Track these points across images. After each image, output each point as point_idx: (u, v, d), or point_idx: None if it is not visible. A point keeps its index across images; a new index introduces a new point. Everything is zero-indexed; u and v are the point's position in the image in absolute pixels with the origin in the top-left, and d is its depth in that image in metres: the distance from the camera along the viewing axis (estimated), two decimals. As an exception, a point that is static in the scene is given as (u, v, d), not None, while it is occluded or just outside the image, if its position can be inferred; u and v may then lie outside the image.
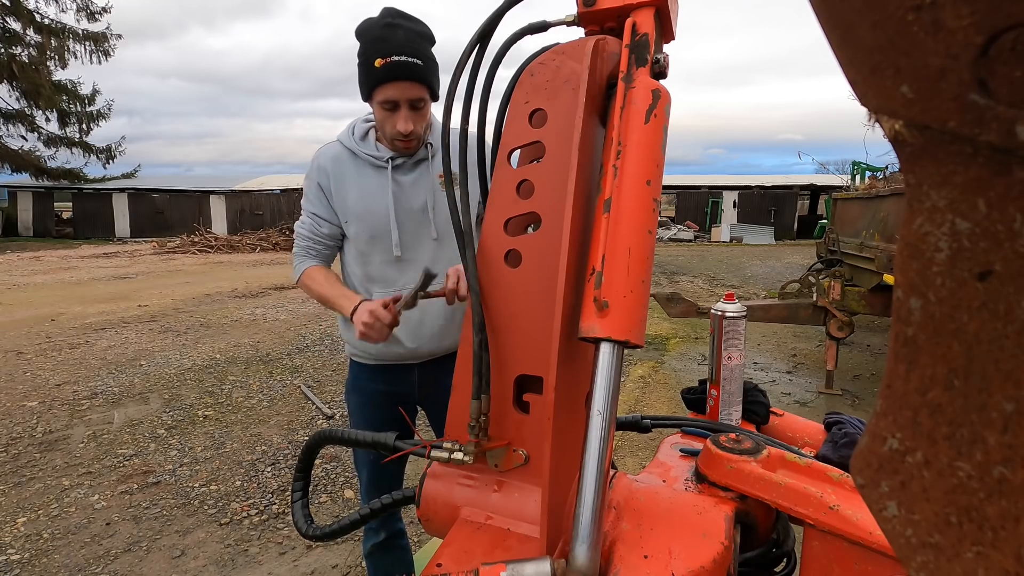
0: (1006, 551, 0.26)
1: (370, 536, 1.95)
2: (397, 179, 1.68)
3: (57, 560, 2.76)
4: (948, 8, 0.22)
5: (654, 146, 0.74)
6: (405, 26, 1.52)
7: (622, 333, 0.69)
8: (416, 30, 1.53)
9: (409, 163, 1.68)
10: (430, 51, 1.57)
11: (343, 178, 1.69)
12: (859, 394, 5.14)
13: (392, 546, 1.95)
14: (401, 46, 1.49)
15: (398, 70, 1.50)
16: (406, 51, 1.49)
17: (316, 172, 1.71)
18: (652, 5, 0.80)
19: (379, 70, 1.50)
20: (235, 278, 12.63)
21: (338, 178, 1.69)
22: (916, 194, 0.26)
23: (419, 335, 1.74)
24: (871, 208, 5.91)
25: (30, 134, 25.58)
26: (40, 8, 24.15)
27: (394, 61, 1.49)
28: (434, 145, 1.70)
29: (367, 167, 1.68)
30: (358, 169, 1.69)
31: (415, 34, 1.53)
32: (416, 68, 1.51)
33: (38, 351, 6.43)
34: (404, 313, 1.72)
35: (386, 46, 1.49)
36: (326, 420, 4.46)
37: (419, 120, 1.60)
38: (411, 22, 1.54)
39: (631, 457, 3.71)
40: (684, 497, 0.84)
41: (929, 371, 0.27)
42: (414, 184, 1.69)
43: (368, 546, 1.96)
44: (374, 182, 1.68)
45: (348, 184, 1.69)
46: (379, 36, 1.50)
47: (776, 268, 14.62)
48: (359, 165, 1.69)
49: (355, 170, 1.69)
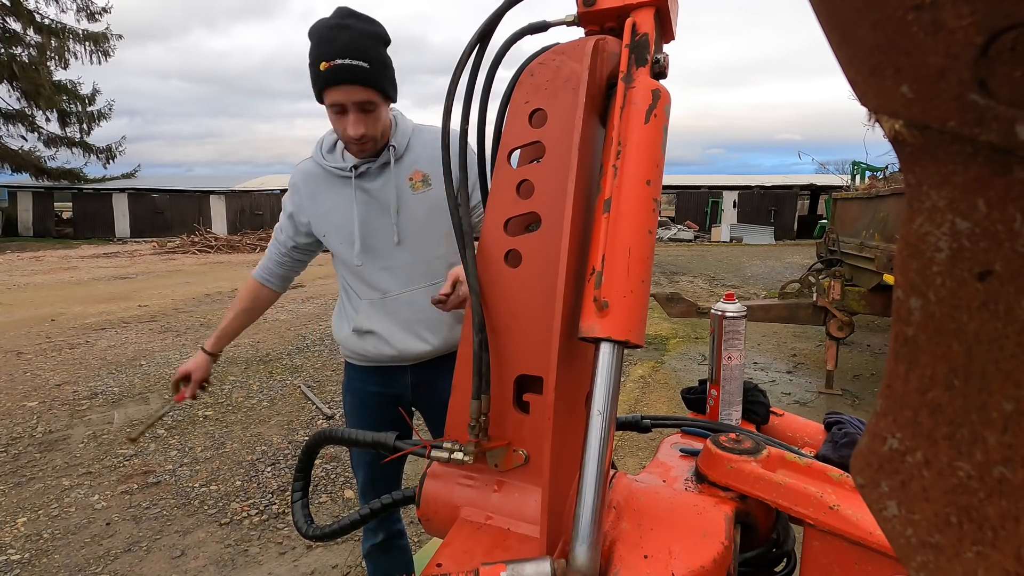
0: (1006, 551, 0.26)
1: (369, 537, 1.95)
2: (364, 187, 1.66)
3: (57, 560, 2.76)
4: (948, 8, 0.22)
5: (654, 146, 0.74)
6: (354, 27, 1.46)
7: (622, 333, 0.69)
8: (366, 30, 1.48)
9: (374, 169, 1.66)
10: (380, 52, 1.51)
11: (315, 195, 1.71)
12: (859, 394, 5.14)
13: (391, 547, 1.95)
14: (345, 49, 1.44)
15: (342, 73, 1.45)
16: (351, 54, 1.44)
17: (290, 190, 1.76)
18: (652, 5, 0.80)
19: (324, 73, 1.46)
20: (235, 278, 12.63)
21: (310, 195, 1.71)
22: (916, 194, 0.26)
23: (406, 338, 1.72)
24: (871, 208, 5.91)
25: (30, 134, 25.62)
26: (40, 8, 24.20)
27: (338, 64, 1.44)
28: (398, 147, 1.67)
29: (335, 180, 1.68)
30: (328, 183, 1.69)
31: (364, 35, 1.47)
32: (360, 71, 1.46)
33: (38, 351, 6.43)
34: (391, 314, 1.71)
35: (330, 49, 1.44)
36: (326, 420, 4.46)
37: (370, 123, 1.55)
38: (362, 22, 1.48)
39: (631, 457, 3.71)
40: (684, 497, 0.84)
41: (929, 371, 0.27)
42: (381, 189, 1.67)
43: (367, 547, 1.95)
44: (343, 193, 1.67)
45: (320, 199, 1.70)
46: (326, 38, 1.46)
47: (776, 268, 14.62)
48: (328, 179, 1.69)
49: (326, 184, 1.69)
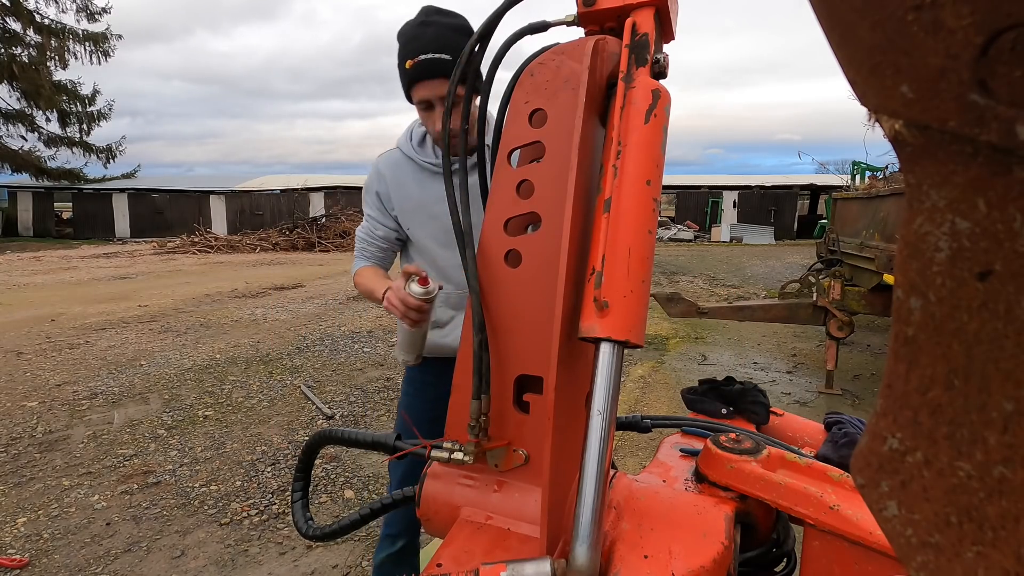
0: (1006, 551, 0.26)
1: (385, 546, 1.87)
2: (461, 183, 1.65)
3: (57, 560, 2.76)
4: (948, 8, 0.22)
5: (654, 146, 0.74)
6: (438, 22, 1.48)
7: (622, 333, 0.69)
8: (449, 24, 1.49)
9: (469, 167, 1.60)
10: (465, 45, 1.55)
11: (403, 185, 1.69)
12: (859, 394, 5.14)
13: (405, 562, 1.87)
14: (428, 43, 1.45)
15: (426, 69, 1.46)
16: (433, 48, 1.45)
17: (375, 178, 1.72)
18: (652, 5, 0.80)
19: (410, 71, 1.48)
20: (235, 278, 12.63)
21: (397, 184, 1.69)
22: (916, 194, 0.26)
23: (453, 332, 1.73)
24: (871, 208, 5.91)
25: (30, 134, 25.63)
26: (40, 8, 24.20)
27: (422, 60, 1.45)
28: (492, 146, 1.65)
29: (426, 174, 1.67)
30: (419, 175, 1.68)
31: (447, 29, 1.48)
32: (444, 64, 1.46)
33: (38, 351, 6.43)
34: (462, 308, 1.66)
35: (415, 45, 1.46)
36: (326, 420, 4.46)
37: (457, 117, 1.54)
38: (446, 17, 1.50)
39: (631, 457, 3.71)
40: (684, 497, 0.84)
41: (929, 371, 0.27)
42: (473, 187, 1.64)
43: (380, 557, 1.87)
44: (436, 189, 1.64)
45: (409, 190, 1.68)
46: (411, 36, 1.48)
47: (776, 268, 14.62)
48: (418, 173, 1.68)
49: (416, 177, 1.68)
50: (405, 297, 1.25)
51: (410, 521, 1.88)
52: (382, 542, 1.90)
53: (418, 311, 1.26)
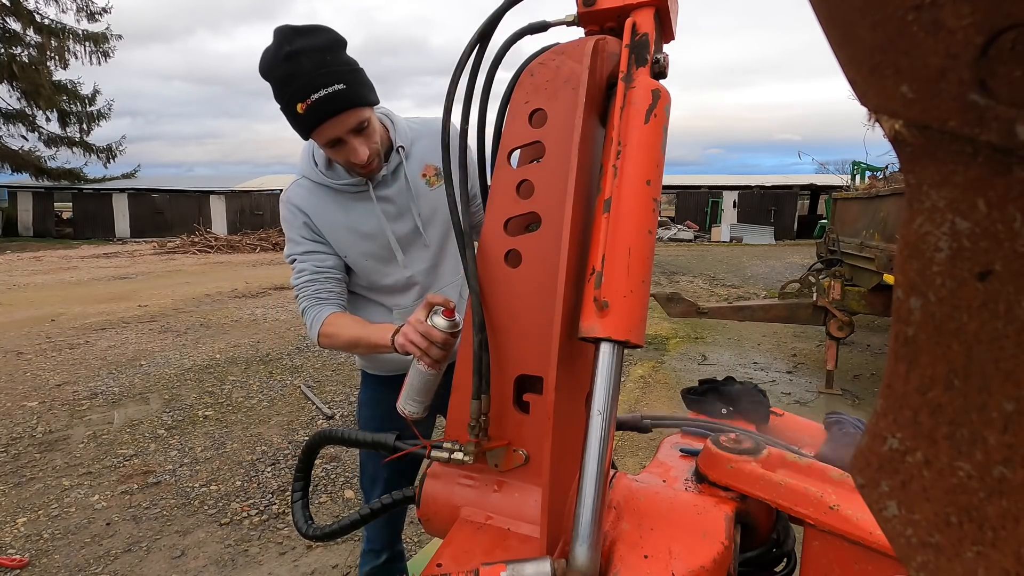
0: (1006, 551, 0.26)
1: (369, 559, 1.85)
2: (382, 195, 1.53)
3: (57, 560, 2.76)
4: (948, 8, 0.22)
5: (654, 146, 0.74)
6: (306, 49, 1.27)
7: (622, 333, 0.69)
8: (320, 45, 1.29)
9: (388, 175, 1.52)
10: (345, 60, 1.33)
11: (324, 212, 1.52)
12: (859, 394, 5.14)
13: (392, 570, 1.86)
14: (314, 79, 1.26)
15: (324, 108, 1.28)
16: (322, 82, 1.27)
17: (294, 213, 1.52)
18: (652, 5, 0.80)
19: (304, 116, 1.30)
20: (235, 278, 12.63)
21: (318, 214, 1.52)
22: (916, 194, 0.26)
23: None
24: (871, 208, 5.91)
25: (30, 134, 25.63)
26: (40, 8, 24.20)
27: (315, 101, 1.27)
28: (406, 146, 1.54)
29: (346, 197, 1.52)
30: (338, 199, 1.52)
31: (320, 53, 1.28)
32: (341, 96, 1.29)
33: (38, 351, 6.43)
34: None
35: (299, 84, 1.27)
36: (326, 420, 4.46)
37: (371, 139, 1.41)
38: (310, 38, 1.29)
39: (631, 457, 3.71)
40: (684, 497, 0.84)
41: (929, 371, 0.27)
42: (399, 194, 1.55)
43: (365, 570, 1.85)
44: (361, 208, 1.53)
45: (333, 216, 1.52)
46: (286, 75, 1.28)
47: (776, 268, 14.62)
48: (337, 198, 1.52)
49: (335, 200, 1.52)
50: (429, 330, 1.10)
51: (391, 533, 1.88)
52: (364, 556, 1.87)
53: (443, 346, 1.11)
